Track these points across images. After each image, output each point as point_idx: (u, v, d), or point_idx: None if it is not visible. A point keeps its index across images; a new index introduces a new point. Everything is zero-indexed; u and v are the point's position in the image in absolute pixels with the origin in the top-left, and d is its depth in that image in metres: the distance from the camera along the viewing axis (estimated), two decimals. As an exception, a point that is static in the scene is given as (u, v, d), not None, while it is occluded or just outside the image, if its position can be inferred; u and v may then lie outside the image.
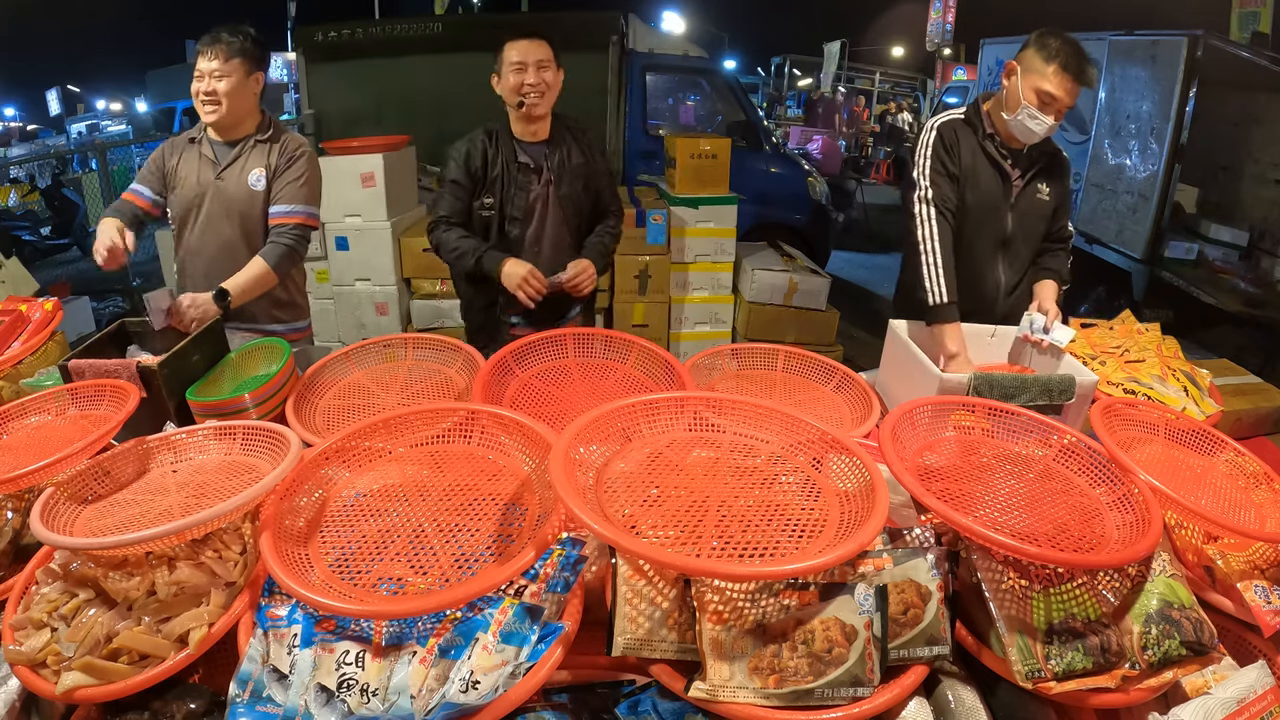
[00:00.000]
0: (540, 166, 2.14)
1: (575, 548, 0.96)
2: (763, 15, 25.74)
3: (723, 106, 5.99)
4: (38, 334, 1.88)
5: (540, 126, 2.14)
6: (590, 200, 2.25)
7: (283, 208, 2.08)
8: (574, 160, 2.18)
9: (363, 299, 4.15)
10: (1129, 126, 4.71)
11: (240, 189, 2.09)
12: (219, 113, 2.03)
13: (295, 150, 2.11)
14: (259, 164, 2.09)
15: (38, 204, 7.72)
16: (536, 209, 2.16)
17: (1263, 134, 4.80)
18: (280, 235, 2.06)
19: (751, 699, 0.87)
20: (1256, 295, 4.36)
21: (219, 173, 2.09)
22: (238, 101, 2.04)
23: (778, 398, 1.62)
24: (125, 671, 0.92)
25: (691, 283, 4.22)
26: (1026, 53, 1.85)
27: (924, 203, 1.91)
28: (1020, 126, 1.86)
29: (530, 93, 2.02)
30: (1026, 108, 1.82)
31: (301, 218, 2.09)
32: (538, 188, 2.14)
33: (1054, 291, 1.92)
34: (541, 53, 2.03)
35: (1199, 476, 1.28)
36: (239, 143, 2.11)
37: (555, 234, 2.20)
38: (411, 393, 1.55)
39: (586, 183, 2.22)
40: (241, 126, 2.11)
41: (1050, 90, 1.80)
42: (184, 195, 2.12)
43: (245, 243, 2.11)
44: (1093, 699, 0.93)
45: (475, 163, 2.10)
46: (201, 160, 2.11)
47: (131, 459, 1.18)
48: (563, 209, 2.19)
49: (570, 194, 2.18)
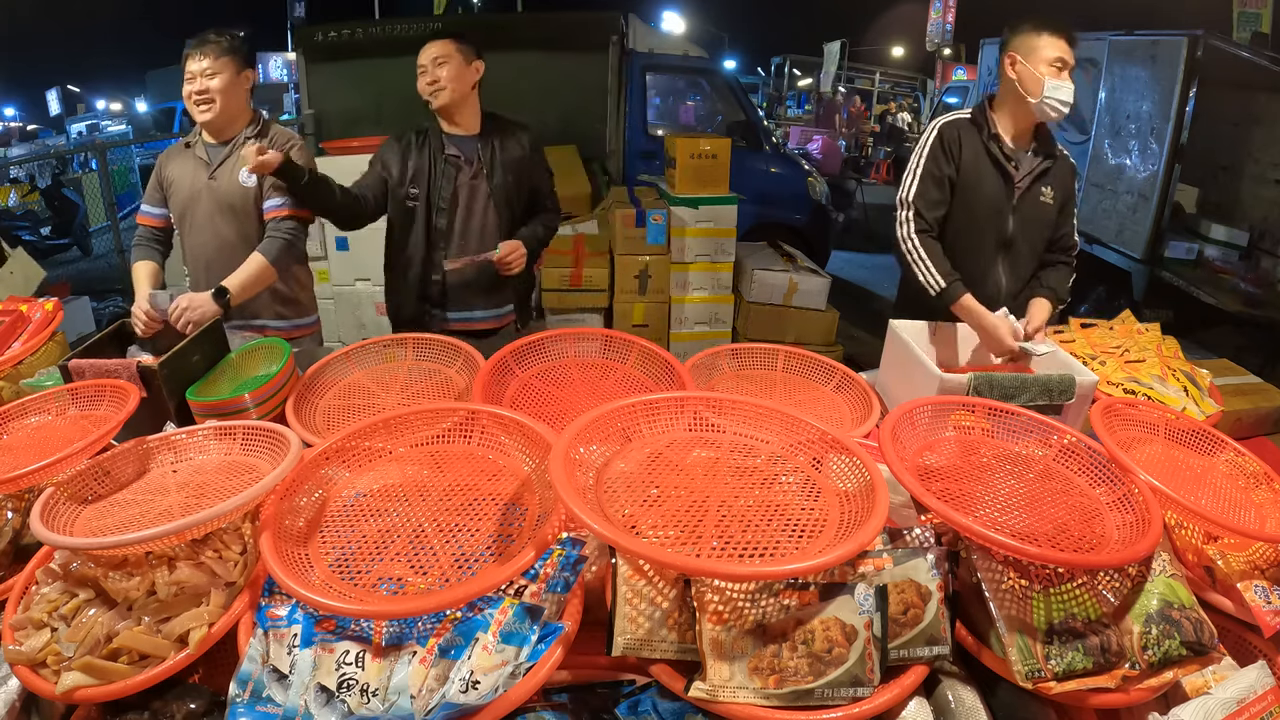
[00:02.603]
0: (472, 158, 2.24)
1: (575, 548, 0.96)
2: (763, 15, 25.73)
3: (723, 106, 5.99)
4: (38, 334, 1.88)
5: (464, 120, 2.24)
6: (525, 194, 2.34)
7: (276, 201, 2.09)
8: (509, 154, 2.26)
9: (363, 299, 4.16)
10: (1129, 126, 4.70)
11: (233, 187, 2.10)
12: (213, 110, 2.05)
13: (285, 144, 2.12)
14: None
15: (38, 204, 7.73)
16: (462, 198, 2.24)
17: (1263, 134, 4.80)
18: (276, 229, 2.07)
19: (751, 699, 0.87)
20: (1256, 295, 4.35)
21: (211, 172, 2.11)
22: (230, 99, 2.06)
23: (778, 398, 1.62)
24: (125, 671, 0.92)
25: (691, 283, 4.22)
26: (1017, 39, 1.92)
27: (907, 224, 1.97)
28: (1051, 102, 1.88)
29: (428, 91, 2.19)
30: (1049, 80, 1.86)
31: (296, 209, 2.10)
32: (465, 178, 2.23)
33: (1047, 311, 1.91)
34: (438, 50, 2.18)
35: (1199, 476, 1.28)
36: (230, 142, 2.12)
37: (483, 223, 2.27)
38: (411, 393, 1.55)
39: (520, 177, 2.29)
40: (234, 125, 2.12)
41: (1060, 55, 1.86)
42: (179, 198, 2.14)
43: (243, 240, 2.12)
44: (1093, 699, 0.93)
45: (395, 151, 2.23)
46: (195, 162, 2.13)
47: (131, 459, 1.18)
48: (493, 199, 2.26)
49: (502, 184, 2.25)
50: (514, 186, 2.28)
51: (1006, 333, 1.78)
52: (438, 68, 2.17)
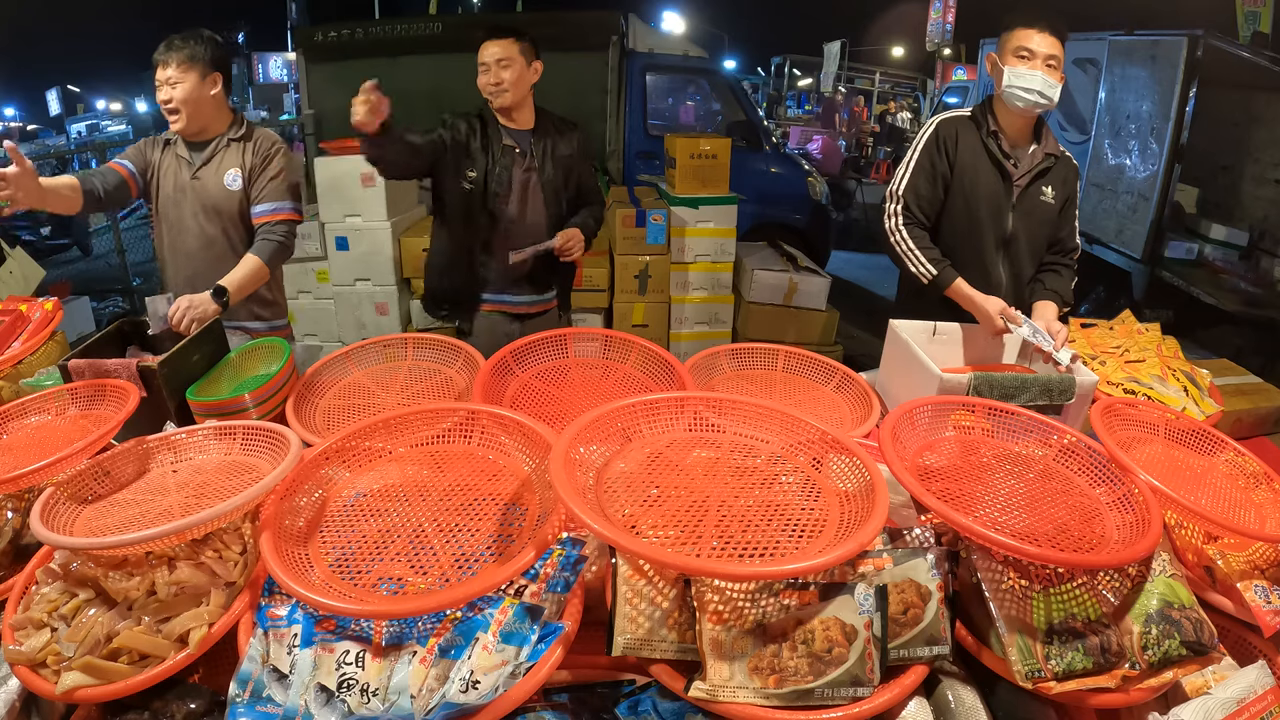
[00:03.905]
0: (526, 151, 2.31)
1: (575, 548, 0.96)
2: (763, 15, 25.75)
3: (723, 106, 5.99)
4: (38, 334, 1.88)
5: (521, 117, 2.31)
6: (572, 190, 2.43)
7: (268, 206, 2.10)
8: (560, 151, 2.36)
9: (363, 299, 4.15)
10: (1129, 126, 4.71)
11: (217, 189, 2.10)
12: (181, 119, 2.04)
13: (270, 148, 2.13)
14: (234, 164, 2.11)
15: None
16: (516, 189, 2.30)
17: (1263, 134, 4.80)
18: (270, 232, 2.09)
19: (751, 699, 0.87)
20: (1256, 295, 4.35)
21: (195, 172, 2.10)
22: (197, 106, 2.04)
23: (778, 398, 1.62)
24: (125, 671, 0.92)
25: (691, 283, 4.22)
26: (998, 41, 1.95)
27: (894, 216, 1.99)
28: (1014, 90, 1.87)
29: (493, 90, 2.23)
30: (1008, 69, 1.87)
31: (288, 214, 2.12)
32: (520, 171, 2.30)
33: (1055, 313, 1.90)
34: (501, 52, 2.20)
35: (1199, 476, 1.28)
36: (211, 142, 2.11)
37: (534, 215, 2.35)
38: (411, 393, 1.55)
39: (569, 174, 2.39)
40: (210, 128, 2.11)
41: (1023, 45, 1.86)
42: (164, 195, 2.13)
43: (225, 241, 2.13)
44: (1093, 699, 0.93)
45: (461, 127, 2.25)
46: (178, 161, 2.12)
47: (131, 459, 1.18)
48: (543, 193, 2.34)
49: (552, 180, 2.35)
50: (561, 182, 2.37)
51: (994, 312, 1.78)
52: (501, 69, 2.21)
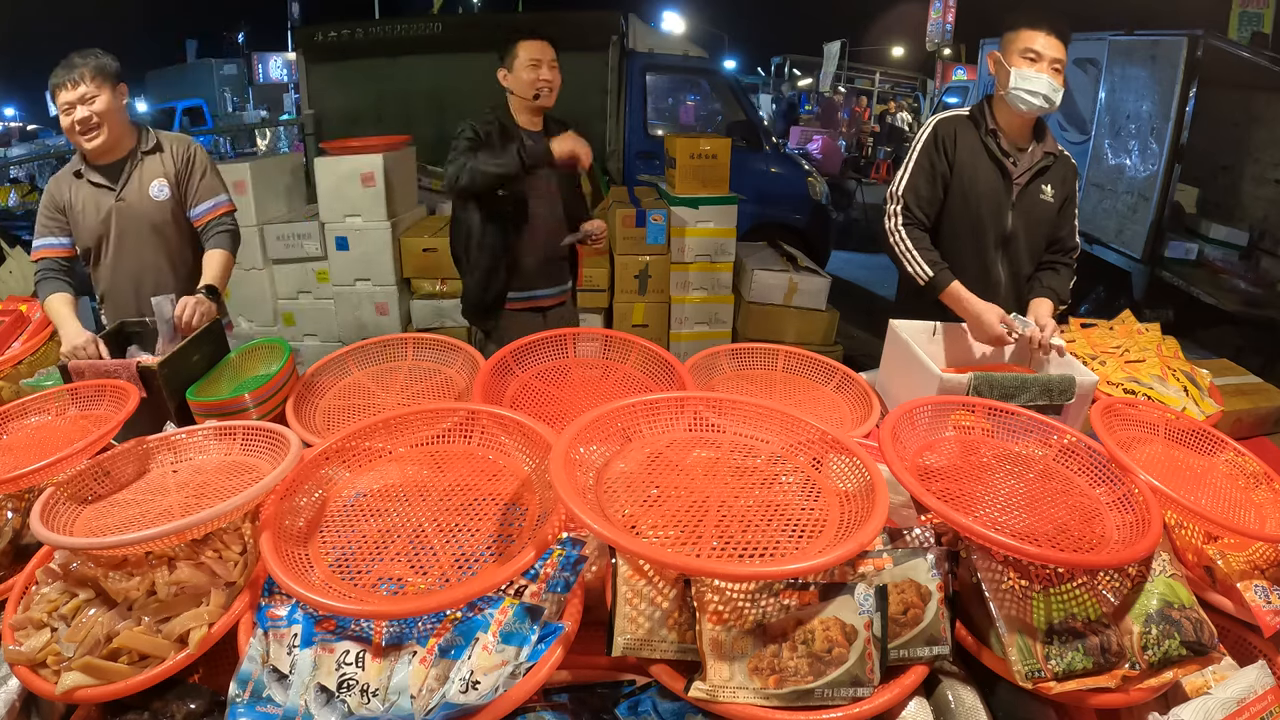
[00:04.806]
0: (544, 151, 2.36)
1: (575, 548, 0.96)
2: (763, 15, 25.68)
3: (722, 107, 5.99)
4: (38, 334, 1.88)
5: (537, 120, 2.39)
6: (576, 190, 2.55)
7: (208, 204, 2.14)
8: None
9: (363, 299, 4.15)
10: (1129, 126, 4.70)
11: (145, 204, 2.08)
12: (101, 135, 1.99)
13: (187, 150, 2.15)
14: (157, 174, 2.10)
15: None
16: (543, 188, 2.38)
17: (1263, 134, 4.80)
18: (219, 226, 2.13)
19: (751, 699, 0.87)
20: (1256, 295, 4.35)
21: (118, 194, 2.07)
22: (114, 118, 2.01)
23: (777, 398, 1.62)
24: (125, 671, 0.92)
25: (691, 283, 4.22)
26: (1002, 40, 1.94)
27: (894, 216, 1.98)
28: (1019, 93, 1.87)
29: (544, 88, 2.28)
30: (1015, 71, 1.86)
31: (227, 205, 2.18)
32: (540, 171, 2.33)
33: (1050, 310, 1.91)
34: (551, 54, 2.30)
35: (1199, 476, 1.28)
36: (123, 161, 2.08)
37: (551, 213, 2.44)
38: (411, 393, 1.55)
39: (574, 175, 2.49)
40: (121, 145, 2.07)
41: (1031, 47, 1.85)
42: (88, 227, 2.09)
43: (165, 253, 2.14)
44: (1093, 699, 0.93)
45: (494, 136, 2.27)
46: (93, 190, 2.08)
47: (131, 459, 1.18)
48: (561, 190, 2.44)
49: (564, 180, 2.45)
50: (569, 183, 2.49)
51: (994, 320, 1.78)
52: (553, 71, 2.29)
